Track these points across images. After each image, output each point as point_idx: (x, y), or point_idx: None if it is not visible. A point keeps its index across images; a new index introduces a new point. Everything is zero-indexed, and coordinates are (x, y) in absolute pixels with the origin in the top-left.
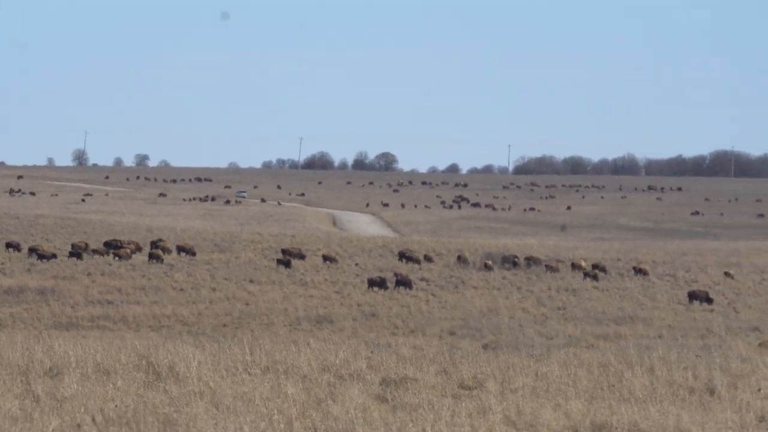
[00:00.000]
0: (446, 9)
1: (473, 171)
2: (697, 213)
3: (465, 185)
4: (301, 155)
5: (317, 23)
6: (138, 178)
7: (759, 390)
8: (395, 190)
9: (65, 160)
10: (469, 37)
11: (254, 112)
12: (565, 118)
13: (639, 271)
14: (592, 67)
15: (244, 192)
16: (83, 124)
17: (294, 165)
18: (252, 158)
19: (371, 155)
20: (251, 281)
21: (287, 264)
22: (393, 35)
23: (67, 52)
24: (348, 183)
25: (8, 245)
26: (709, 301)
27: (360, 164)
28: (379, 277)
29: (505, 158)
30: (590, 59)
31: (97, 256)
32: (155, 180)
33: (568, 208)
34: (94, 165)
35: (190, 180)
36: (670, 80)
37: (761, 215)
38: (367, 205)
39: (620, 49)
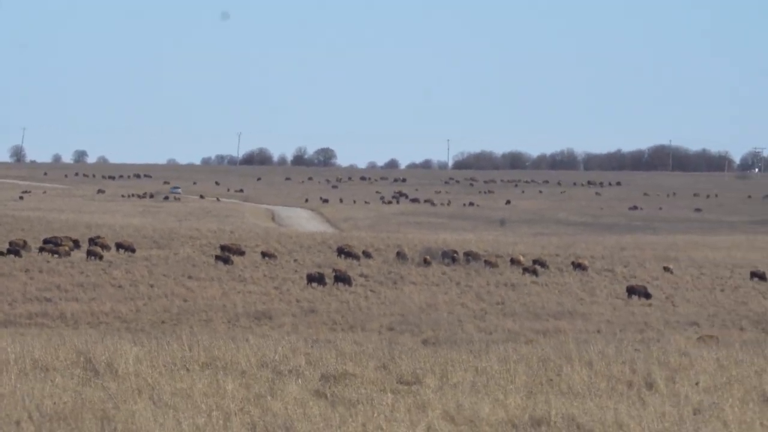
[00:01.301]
0: (383, 8)
1: (412, 166)
2: (635, 207)
3: (404, 180)
4: (240, 151)
5: (254, 22)
6: (77, 174)
7: (697, 384)
8: (334, 186)
9: (2, 156)
10: (407, 34)
11: (193, 108)
12: (504, 113)
13: (578, 266)
14: (530, 62)
15: (179, 188)
16: (21, 120)
17: (233, 161)
18: (191, 154)
19: (310, 151)
20: (190, 277)
21: (226, 260)
22: (331, 32)
23: (1, 48)
24: (287, 179)
25: None
26: (648, 295)
27: (299, 160)
28: (318, 273)
29: (444, 153)
30: (528, 55)
31: (35, 253)
32: (94, 177)
33: (507, 202)
34: (32, 161)
35: (128, 177)
36: (609, 75)
37: (699, 209)
38: (306, 200)
39: (558, 45)
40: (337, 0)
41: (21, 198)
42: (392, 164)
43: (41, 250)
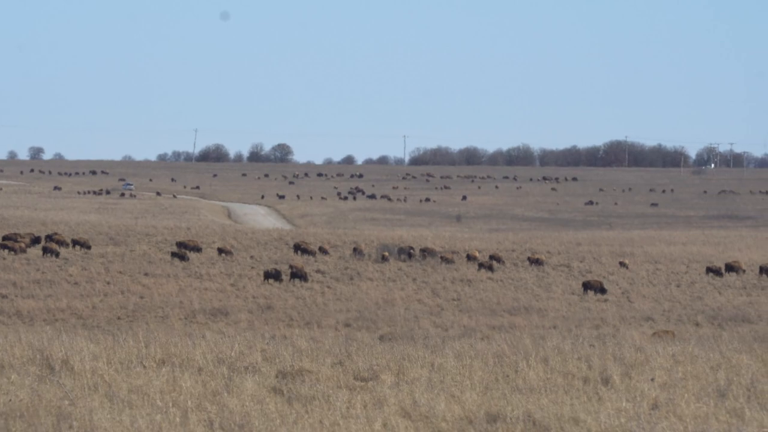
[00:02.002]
0: (339, 5)
1: (369, 162)
2: (591, 203)
3: (360, 176)
4: (197, 147)
5: (210, 20)
6: (32, 171)
7: (652, 379)
8: (291, 182)
9: None
10: (361, 29)
11: (149, 105)
12: (460, 109)
13: (534, 261)
14: (486, 59)
15: (131, 184)
16: None
17: (189, 157)
18: (147, 151)
19: (267, 147)
20: (146, 274)
21: (182, 257)
22: (286, 30)
23: None
24: (243, 175)
25: None
26: (603, 291)
27: (255, 156)
28: (275, 269)
29: (400, 149)
30: (483, 52)
31: None
32: (50, 173)
33: (464, 198)
34: None
35: (84, 173)
36: (565, 71)
37: (655, 204)
38: (263, 197)
39: (513, 42)
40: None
41: None
42: (349, 160)
43: None
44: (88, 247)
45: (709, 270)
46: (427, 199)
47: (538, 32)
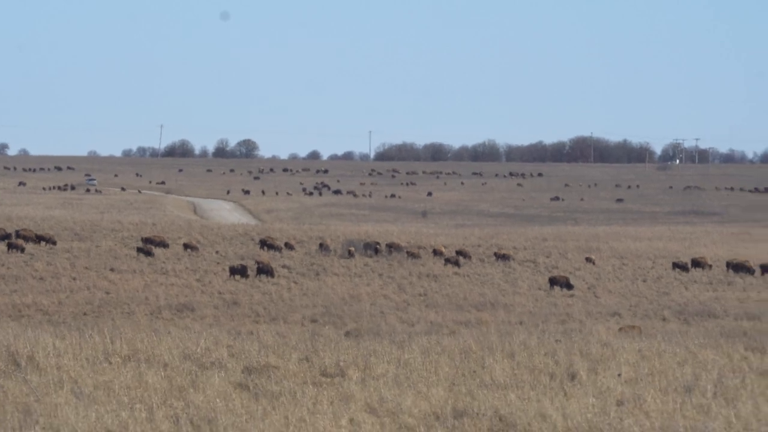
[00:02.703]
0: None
1: (334, 158)
2: (557, 198)
3: (326, 172)
4: (162, 143)
5: (174, 15)
6: None
7: (619, 375)
8: (256, 178)
9: None
10: (326, 23)
11: (114, 100)
12: (425, 105)
13: (500, 256)
14: (451, 55)
15: (94, 179)
16: None
17: (154, 153)
18: (112, 146)
19: (232, 143)
20: (112, 270)
21: (148, 252)
22: (251, 24)
23: None
24: (209, 170)
25: None
26: (570, 286)
27: (221, 152)
28: (241, 264)
29: (366, 145)
30: (448, 47)
31: None
32: (15, 169)
33: (429, 194)
34: None
35: (49, 169)
36: (530, 67)
37: (620, 200)
38: (228, 192)
39: (479, 37)
40: None
41: None
42: (314, 156)
43: None
44: (54, 243)
45: (675, 265)
46: (393, 195)
47: (503, 28)
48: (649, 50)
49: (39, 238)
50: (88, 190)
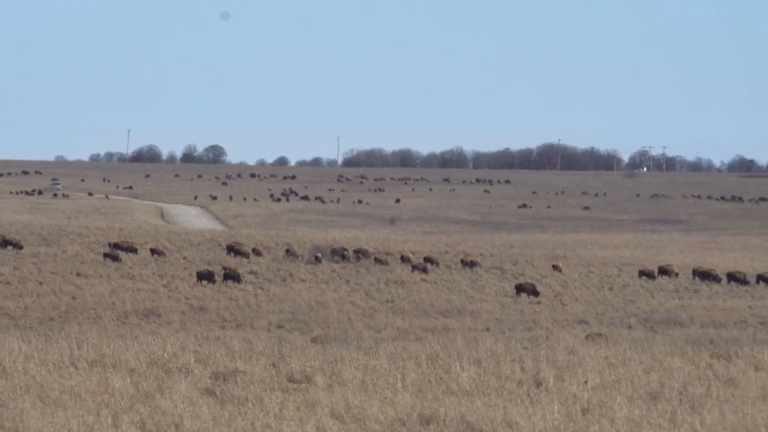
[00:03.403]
0: (271, 4)
1: (302, 164)
2: (524, 206)
3: (294, 178)
4: (129, 148)
5: (144, 19)
6: None
7: (585, 382)
8: (224, 183)
9: None
10: (293, 30)
11: (82, 105)
12: (393, 111)
13: (467, 263)
14: (419, 60)
15: (59, 183)
16: None
17: (122, 158)
18: (79, 151)
19: (200, 148)
20: (78, 275)
21: (115, 257)
22: (219, 30)
23: None
24: (176, 176)
25: None
26: (536, 293)
27: (188, 157)
28: (207, 270)
29: (334, 151)
30: (416, 53)
31: None
32: None
33: (397, 200)
34: None
35: (16, 173)
36: (497, 74)
37: (587, 208)
38: (196, 197)
39: (446, 44)
40: None
41: None
42: (282, 162)
43: None
44: (20, 247)
45: (641, 273)
46: (361, 201)
47: (471, 36)
48: (617, 58)
49: (5, 243)
50: (55, 195)
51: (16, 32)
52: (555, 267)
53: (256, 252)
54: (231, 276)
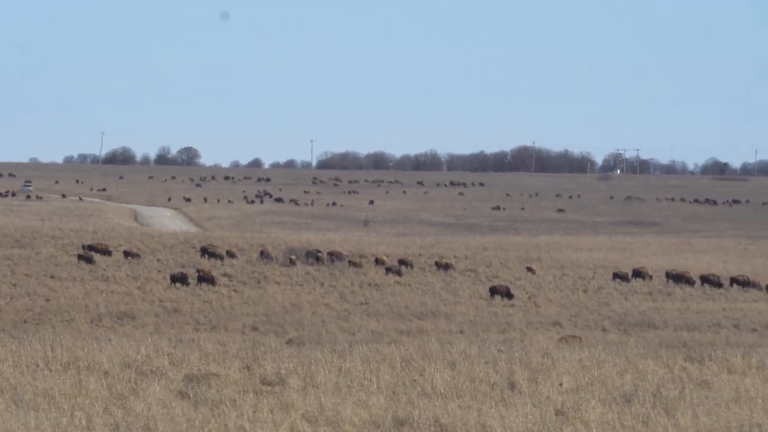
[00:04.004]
0: (245, 7)
1: (276, 166)
2: (498, 208)
3: (268, 180)
4: (103, 150)
5: (116, 21)
6: None
7: (560, 384)
8: (198, 185)
9: None
10: (267, 31)
11: (55, 107)
12: (367, 113)
13: (441, 266)
14: (392, 62)
15: (30, 185)
16: None
17: (96, 160)
18: (53, 153)
19: (174, 150)
20: (52, 277)
21: (89, 260)
22: (192, 31)
23: None
24: (150, 178)
25: None
26: (510, 296)
27: (162, 159)
28: (181, 272)
29: (308, 153)
30: (390, 55)
31: None
32: None
33: (371, 203)
34: None
35: None
36: (472, 76)
37: (561, 210)
38: (169, 199)
39: (419, 45)
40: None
41: None
42: (256, 164)
43: None
44: None
45: (615, 276)
46: (335, 203)
47: (444, 38)
48: (591, 61)
49: None
50: (28, 197)
51: None
52: (529, 269)
53: (230, 254)
54: (205, 278)
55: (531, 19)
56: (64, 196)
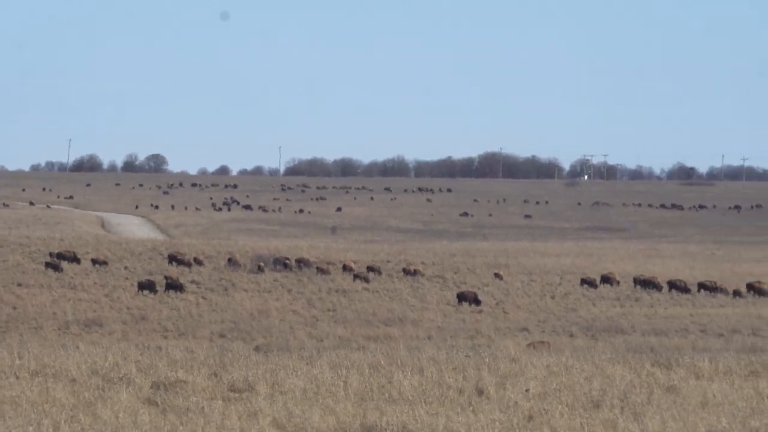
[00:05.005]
0: (209, 13)
1: (244, 173)
2: (466, 214)
3: (235, 187)
4: (70, 157)
5: (81, 26)
6: None
7: (527, 390)
8: (165, 192)
9: None
10: (233, 38)
11: (22, 114)
12: (335, 120)
13: (409, 272)
14: (361, 67)
15: None
16: None
17: (63, 167)
18: (19, 161)
19: (141, 157)
20: (20, 285)
21: (56, 267)
22: (155, 38)
23: None
24: (117, 185)
25: None
26: (478, 302)
27: (130, 166)
28: (149, 280)
29: (275, 160)
30: (358, 62)
31: None
32: None
33: (339, 209)
34: None
35: None
36: (439, 82)
37: (529, 216)
38: (137, 207)
39: (388, 52)
40: (161, 5)
41: None
42: (224, 171)
43: None
44: None
45: (583, 281)
46: (302, 210)
47: (410, 44)
48: (557, 66)
49: None
50: None
51: None
52: (497, 275)
53: (198, 261)
54: (173, 285)
55: (496, 27)
56: (31, 203)
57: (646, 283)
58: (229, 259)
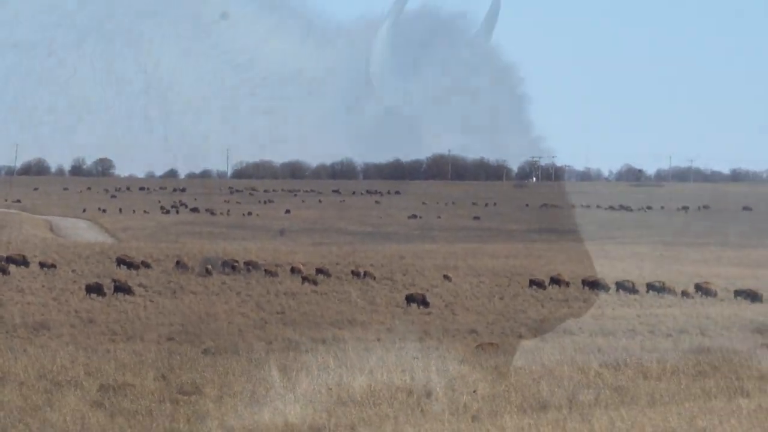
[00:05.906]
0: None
1: (192, 176)
2: (414, 216)
3: (183, 190)
4: (18, 161)
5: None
6: None
7: (475, 391)
8: (113, 196)
9: None
10: (176, 41)
11: None
12: (284, 123)
13: (358, 274)
14: (307, 73)
15: None
16: None
17: (10, 171)
18: None
19: (89, 161)
20: None
21: (3, 271)
22: (105, 40)
23: None
24: (65, 189)
25: None
26: (426, 303)
27: (77, 170)
28: (97, 283)
29: (223, 163)
30: (305, 64)
31: None
32: None
33: (287, 212)
34: None
35: None
36: (389, 87)
37: (477, 218)
38: (85, 210)
39: (332, 56)
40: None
41: None
42: (172, 174)
43: None
44: None
45: (532, 283)
46: (250, 213)
47: (356, 49)
48: (506, 69)
49: None
50: None
51: None
52: (446, 277)
53: (146, 264)
54: (122, 288)
55: (444, 31)
56: None
57: (594, 285)
58: (177, 262)
